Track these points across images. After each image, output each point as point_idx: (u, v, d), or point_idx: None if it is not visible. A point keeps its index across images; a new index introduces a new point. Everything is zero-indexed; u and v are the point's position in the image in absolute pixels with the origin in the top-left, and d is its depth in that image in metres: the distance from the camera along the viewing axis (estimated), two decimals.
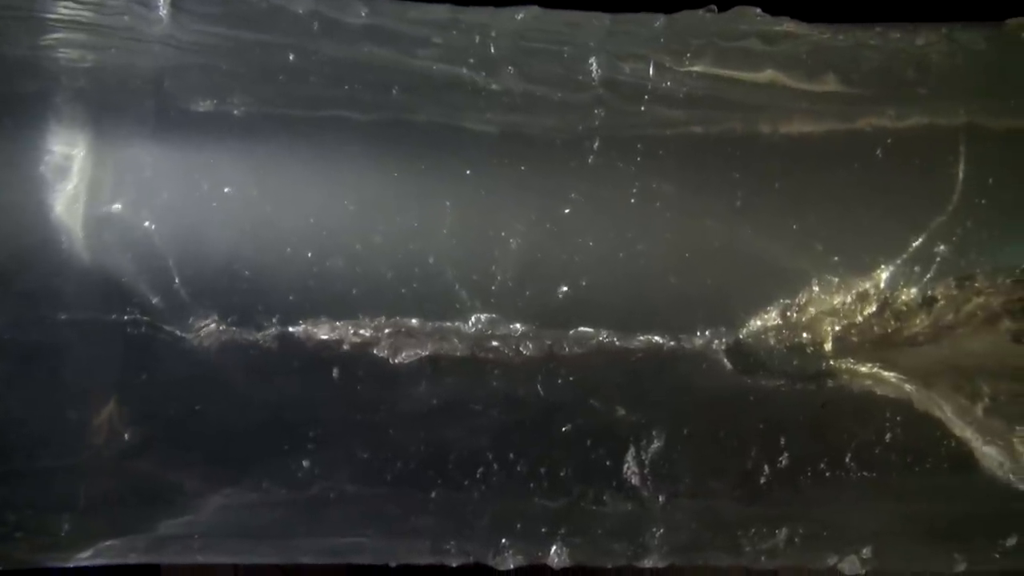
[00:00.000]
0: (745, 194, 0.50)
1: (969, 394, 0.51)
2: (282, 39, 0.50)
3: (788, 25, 0.52)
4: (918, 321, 0.51)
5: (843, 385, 0.51)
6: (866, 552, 0.50)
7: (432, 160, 0.50)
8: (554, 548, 0.50)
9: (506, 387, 0.49)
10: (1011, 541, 0.50)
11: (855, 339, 0.51)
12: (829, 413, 0.50)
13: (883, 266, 0.51)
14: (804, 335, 0.51)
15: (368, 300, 0.49)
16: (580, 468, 0.49)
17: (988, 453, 0.51)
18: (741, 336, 0.50)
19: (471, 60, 0.50)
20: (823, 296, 0.51)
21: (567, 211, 0.50)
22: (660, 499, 0.49)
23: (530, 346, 0.50)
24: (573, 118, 0.50)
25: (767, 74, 0.51)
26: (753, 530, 0.49)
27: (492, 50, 0.51)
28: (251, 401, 0.49)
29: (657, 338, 0.50)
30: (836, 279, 0.51)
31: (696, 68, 0.51)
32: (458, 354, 0.50)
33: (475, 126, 0.50)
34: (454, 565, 0.50)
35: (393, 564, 0.50)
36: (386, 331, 0.49)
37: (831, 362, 0.51)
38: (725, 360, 0.50)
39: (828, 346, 0.51)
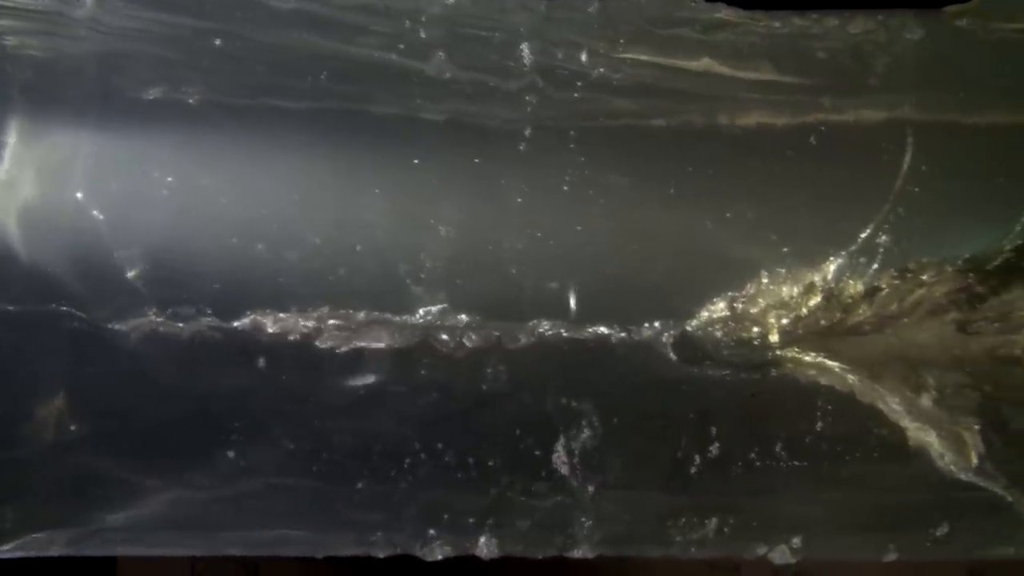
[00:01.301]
0: (682, 184, 0.50)
1: (915, 385, 0.51)
2: (212, 24, 0.50)
3: (725, 13, 0.52)
4: (861, 311, 0.51)
5: (786, 375, 0.51)
6: (796, 541, 0.49)
7: (371, 149, 0.50)
8: (483, 539, 0.49)
9: (439, 378, 0.49)
10: (942, 530, 0.50)
11: (800, 330, 0.51)
12: (761, 402, 0.49)
13: (830, 257, 0.51)
14: (751, 326, 0.51)
15: (310, 291, 0.48)
16: (509, 459, 0.49)
17: (931, 444, 0.51)
18: (689, 328, 0.50)
19: (401, 46, 0.50)
20: (771, 287, 0.51)
21: (516, 200, 0.49)
22: (590, 490, 0.49)
23: (474, 337, 0.49)
24: (506, 105, 0.50)
25: (703, 62, 0.51)
26: (683, 520, 0.49)
27: (423, 35, 0.50)
28: (184, 393, 0.48)
29: (604, 329, 0.50)
30: (784, 270, 0.51)
31: (630, 55, 0.51)
32: (401, 345, 0.49)
33: (413, 113, 0.50)
34: (381, 556, 0.49)
35: (319, 556, 0.49)
36: (329, 322, 0.49)
37: (776, 352, 0.50)
38: (670, 352, 0.50)
39: (774, 337, 0.51)
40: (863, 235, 0.50)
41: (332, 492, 0.49)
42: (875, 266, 0.50)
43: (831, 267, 0.51)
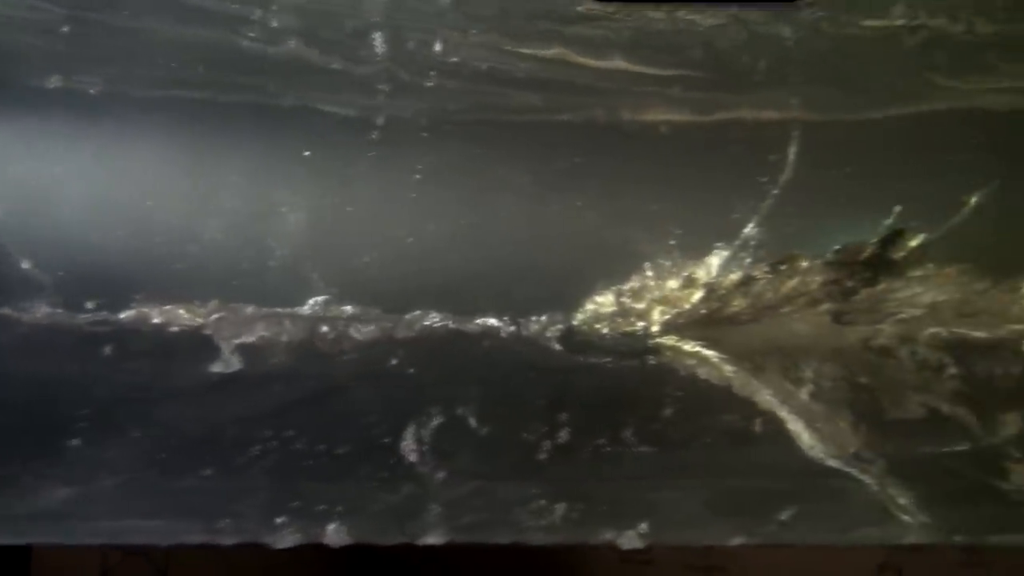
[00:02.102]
0: (549, 175, 0.50)
1: (795, 378, 0.52)
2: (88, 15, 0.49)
3: (576, 1, 0.52)
4: (737, 302, 0.52)
5: (663, 363, 0.51)
6: (643, 527, 0.50)
7: (253, 140, 0.50)
8: (332, 527, 0.49)
9: (293, 366, 0.49)
10: (786, 514, 0.51)
11: (681, 319, 0.51)
12: (612, 390, 0.50)
13: (714, 250, 0.51)
14: (634, 318, 0.51)
15: (200, 284, 0.48)
16: (360, 447, 0.49)
17: (801, 433, 0.52)
18: (575, 322, 0.50)
19: (251, 34, 0.50)
20: (656, 280, 0.51)
21: (411, 193, 0.49)
22: (439, 477, 0.49)
23: (361, 328, 0.49)
24: (360, 93, 0.50)
25: (555, 51, 0.51)
26: (533, 506, 0.49)
27: (274, 24, 0.50)
28: (29, 381, 0.48)
29: (494, 321, 0.50)
30: (670, 263, 0.51)
31: (484, 43, 0.51)
32: (287, 338, 0.49)
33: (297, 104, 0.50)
34: (228, 544, 0.49)
35: (164, 545, 0.49)
36: (217, 315, 0.49)
37: (656, 341, 0.51)
38: (555, 343, 0.50)
39: (655, 326, 0.51)
40: (746, 229, 0.51)
41: (179, 481, 0.48)
42: (751, 259, 0.51)
43: (714, 260, 0.51)
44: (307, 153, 0.49)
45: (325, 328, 0.49)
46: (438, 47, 0.50)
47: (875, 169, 0.52)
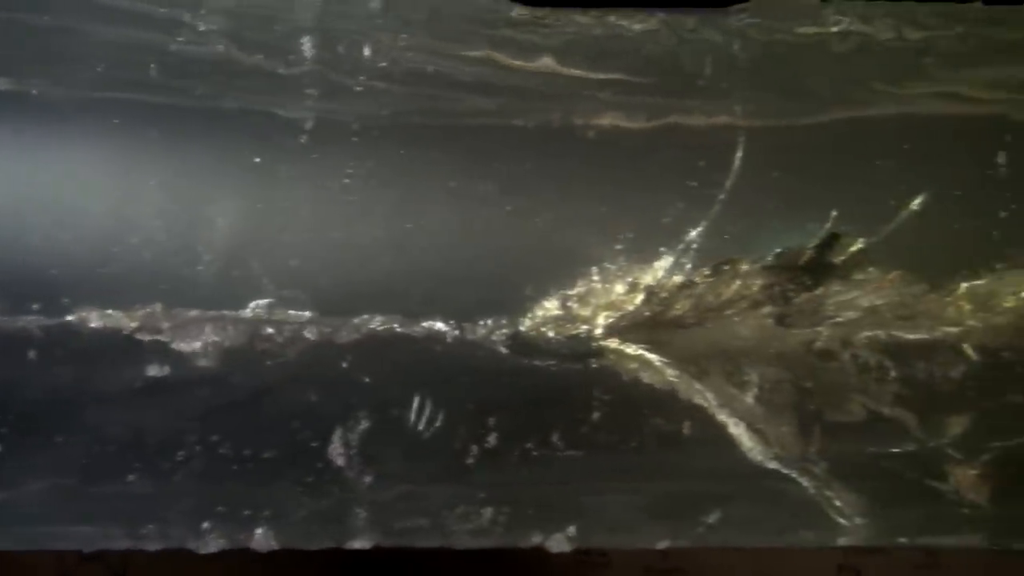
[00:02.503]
0: (472, 178, 0.50)
1: (739, 382, 0.52)
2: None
3: (507, 7, 0.52)
4: (679, 306, 0.52)
5: (606, 367, 0.51)
6: (571, 530, 0.50)
7: (185, 142, 0.49)
8: (259, 531, 0.49)
9: (220, 370, 0.49)
10: (713, 517, 0.51)
11: (624, 322, 0.52)
12: (540, 391, 0.50)
13: (660, 254, 0.51)
14: (579, 321, 0.51)
15: (130, 287, 0.48)
16: (286, 451, 0.49)
17: (742, 437, 0.52)
18: (522, 327, 0.50)
19: (180, 37, 0.50)
20: (602, 284, 0.51)
21: (347, 196, 0.49)
22: (366, 481, 0.49)
23: (305, 333, 0.49)
24: (289, 96, 0.50)
25: (483, 54, 0.51)
26: (460, 510, 0.49)
27: (203, 27, 0.50)
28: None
29: (441, 326, 0.50)
30: (615, 267, 0.51)
31: (415, 47, 0.51)
32: (221, 342, 0.49)
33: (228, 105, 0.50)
34: (152, 549, 0.49)
35: (87, 551, 0.49)
36: (147, 319, 0.48)
37: (599, 344, 0.51)
38: (501, 346, 0.50)
39: (598, 329, 0.51)
40: (691, 233, 0.51)
41: (104, 486, 0.48)
42: (694, 263, 0.51)
43: (660, 264, 0.51)
44: (239, 155, 0.49)
45: (270, 330, 0.49)
46: (367, 51, 0.50)
47: (817, 174, 0.52)
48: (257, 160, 0.49)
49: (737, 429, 0.53)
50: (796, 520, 0.53)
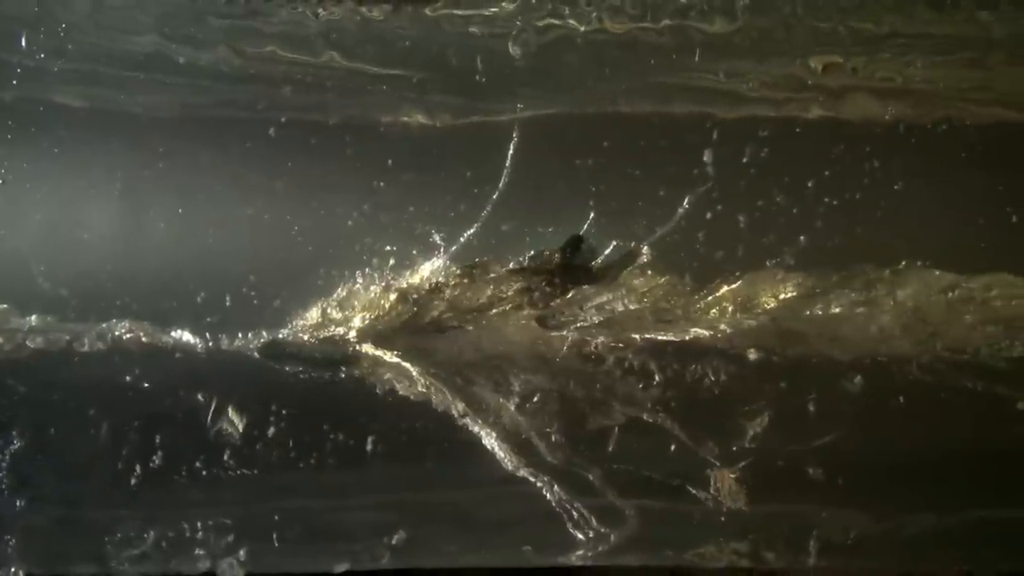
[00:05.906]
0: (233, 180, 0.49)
1: (503, 390, 0.51)
2: None
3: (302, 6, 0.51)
4: (436, 308, 0.50)
5: (357, 376, 0.49)
6: (242, 554, 0.47)
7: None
8: None
9: None
10: (397, 537, 0.49)
11: (380, 326, 0.50)
12: (205, 410, 0.48)
13: (428, 257, 0.50)
14: (335, 326, 0.49)
15: None
16: None
17: (495, 446, 0.50)
18: (281, 335, 0.48)
19: None
20: (363, 289, 0.50)
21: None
22: (18, 504, 0.46)
23: (39, 340, 0.47)
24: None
25: (268, 50, 0.50)
26: (120, 535, 0.46)
27: None
28: None
29: (189, 336, 0.48)
30: (379, 272, 0.50)
31: (141, 43, 0.50)
32: None
33: None
34: None
35: None
36: None
37: (354, 349, 0.49)
38: (254, 353, 0.48)
39: (352, 332, 0.49)
40: (463, 235, 0.49)
41: None
42: (453, 263, 0.49)
43: (426, 266, 0.50)
44: None
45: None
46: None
47: (588, 177, 0.51)
48: None
49: (489, 440, 0.51)
50: (539, 534, 0.51)
